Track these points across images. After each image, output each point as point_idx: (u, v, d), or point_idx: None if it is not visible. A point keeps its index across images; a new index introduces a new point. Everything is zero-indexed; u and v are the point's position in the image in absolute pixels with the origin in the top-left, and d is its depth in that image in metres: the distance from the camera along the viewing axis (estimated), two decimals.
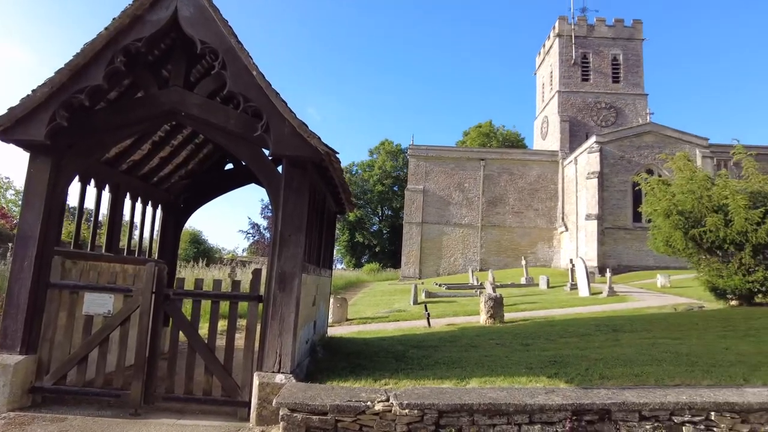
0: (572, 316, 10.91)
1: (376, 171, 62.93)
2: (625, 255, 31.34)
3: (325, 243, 7.67)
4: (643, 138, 32.95)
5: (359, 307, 17.63)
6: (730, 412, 4.36)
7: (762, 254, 10.19)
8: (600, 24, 42.15)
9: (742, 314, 9.14)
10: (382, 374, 5.41)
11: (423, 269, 38.90)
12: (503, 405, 4.28)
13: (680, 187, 10.92)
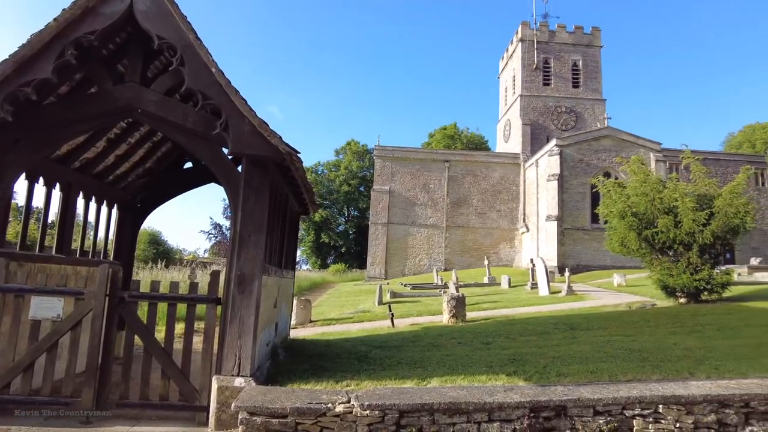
0: (532, 314, 11.17)
1: (342, 171, 62.74)
2: (584, 255, 32.33)
3: (287, 244, 7.58)
4: (601, 142, 34.09)
5: (324, 308, 17.51)
6: (676, 405, 4.56)
7: (708, 254, 10.73)
8: (561, 30, 43.34)
9: (689, 311, 9.59)
10: (343, 376, 5.39)
11: (389, 269, 39.01)
12: (463, 404, 4.35)
13: (634, 189, 11.37)
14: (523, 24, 42.98)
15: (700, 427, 4.54)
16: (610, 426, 4.48)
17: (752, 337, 7.17)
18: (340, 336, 9.34)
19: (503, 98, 48.57)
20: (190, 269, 19.45)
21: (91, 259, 7.15)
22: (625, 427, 4.52)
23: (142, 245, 32.89)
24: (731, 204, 10.42)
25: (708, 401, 4.57)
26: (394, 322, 10.38)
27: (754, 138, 59.91)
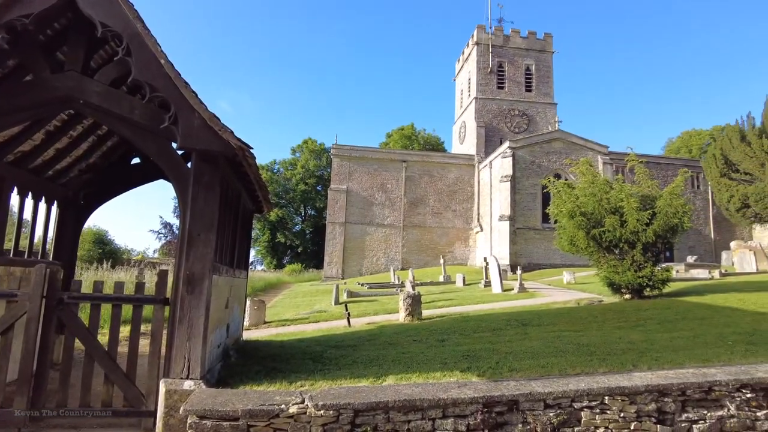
0: (486, 312, 11.40)
1: (299, 170, 61.94)
2: (535, 254, 33.33)
3: (240, 243, 7.39)
4: (552, 144, 35.24)
5: (279, 309, 17.23)
6: (620, 396, 4.74)
7: (650, 252, 11.29)
8: (515, 35, 44.49)
9: (633, 306, 10.04)
10: (298, 376, 5.31)
11: (346, 269, 38.89)
12: (418, 401, 4.36)
13: (583, 190, 11.80)
14: (479, 28, 43.85)
15: (641, 415, 4.75)
16: (560, 418, 4.62)
17: (688, 330, 7.59)
18: (295, 336, 9.21)
19: (459, 100, 49.38)
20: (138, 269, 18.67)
21: (27, 259, 6.71)
22: (574, 419, 4.67)
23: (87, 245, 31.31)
24: (671, 204, 11.00)
25: (649, 391, 4.79)
26: (350, 321, 10.33)
27: (691, 143, 63.78)
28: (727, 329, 7.49)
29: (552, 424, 4.60)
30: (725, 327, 7.67)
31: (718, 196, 36.16)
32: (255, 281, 29.12)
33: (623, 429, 4.68)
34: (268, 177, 61.88)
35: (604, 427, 4.67)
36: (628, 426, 4.69)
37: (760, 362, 5.59)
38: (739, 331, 7.33)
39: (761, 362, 5.60)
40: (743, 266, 19.82)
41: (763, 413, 4.94)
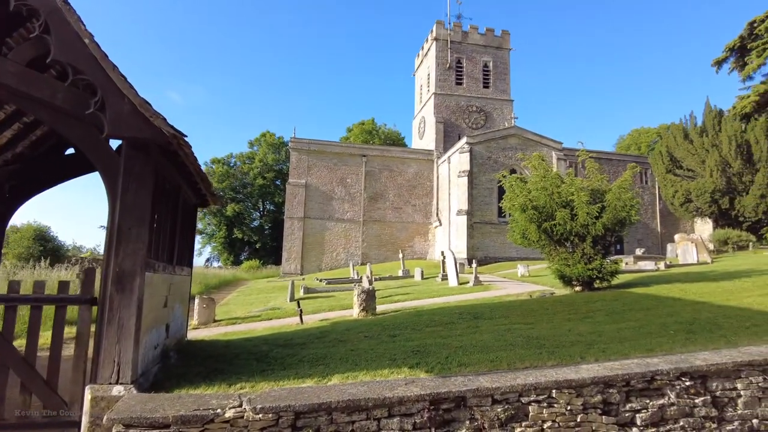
0: (440, 305, 11.39)
1: (256, 164, 60.58)
2: (491, 247, 33.89)
3: (181, 238, 7.00)
4: (508, 140, 35.84)
5: (231, 306, 16.73)
6: (567, 389, 4.74)
7: (600, 245, 11.57)
8: (473, 32, 44.93)
9: (583, 298, 10.24)
10: (239, 378, 5.04)
11: (305, 265, 38.38)
12: (362, 400, 4.21)
13: (535, 184, 11.95)
14: (438, 23, 44.03)
15: (588, 407, 4.76)
16: (507, 413, 4.57)
17: (635, 321, 7.77)
18: (244, 335, 8.89)
19: (418, 96, 49.53)
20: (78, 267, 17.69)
21: None
22: (522, 414, 4.63)
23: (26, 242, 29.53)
24: (620, 198, 11.29)
25: (595, 383, 4.81)
26: (302, 318, 10.07)
27: (640, 141, 66.61)
28: (670, 319, 7.71)
29: (499, 419, 4.54)
30: (668, 317, 7.89)
31: (664, 191, 37.83)
32: (209, 278, 28.31)
33: (570, 422, 4.68)
34: (225, 171, 60.32)
35: (551, 420, 4.66)
36: (575, 419, 4.70)
37: (698, 350, 5.75)
38: (680, 320, 7.55)
39: (699, 350, 5.76)
40: (686, 258, 20.75)
41: (700, 400, 5.07)
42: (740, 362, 5.28)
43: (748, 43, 25.58)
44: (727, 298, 9.35)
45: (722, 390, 5.20)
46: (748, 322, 7.22)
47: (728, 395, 5.22)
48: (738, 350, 5.69)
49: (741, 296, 9.49)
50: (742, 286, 10.60)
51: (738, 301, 9.07)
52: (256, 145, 63.88)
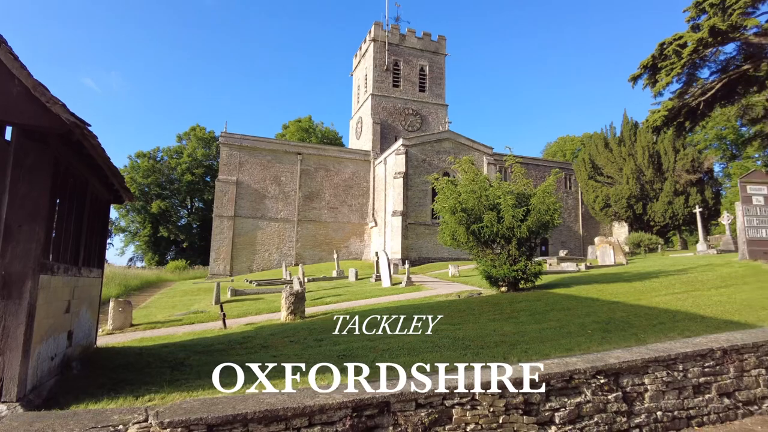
0: (371, 306, 11.30)
1: (185, 159, 57.77)
2: (425, 248, 34.42)
3: (89, 237, 6.40)
4: (442, 144, 36.55)
5: (152, 309, 15.72)
6: (490, 390, 4.77)
7: (525, 246, 11.97)
8: (411, 35, 45.45)
9: (508, 299, 10.54)
10: (149, 389, 4.64)
11: (235, 266, 37.02)
12: (281, 410, 3.98)
13: (465, 187, 12.17)
14: (376, 24, 44.12)
15: (510, 408, 4.81)
16: (431, 417, 4.51)
17: (556, 321, 8.05)
18: (162, 341, 8.31)
19: (356, 96, 49.41)
20: None
21: None
22: (445, 417, 4.59)
23: None
24: (544, 202, 11.73)
25: (517, 383, 4.87)
26: (225, 322, 9.60)
27: (565, 148, 70.58)
28: (588, 318, 8.06)
29: (423, 423, 4.48)
30: (586, 316, 8.26)
31: (586, 196, 40.17)
32: (130, 279, 26.60)
33: (492, 423, 4.71)
34: (151, 165, 57.11)
35: (475, 422, 4.66)
36: (497, 420, 4.73)
37: (612, 349, 6.01)
38: (597, 320, 7.92)
39: (614, 348, 6.02)
40: (604, 259, 22.08)
41: (613, 396, 5.28)
42: (648, 359, 5.56)
43: (659, 62, 27.57)
44: (638, 298, 9.96)
45: (632, 386, 5.45)
46: (655, 320, 7.70)
47: (637, 390, 5.48)
48: (646, 347, 6.01)
49: (650, 296, 10.15)
50: (651, 286, 11.35)
51: (648, 300, 9.68)
52: (185, 139, 60.98)
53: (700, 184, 35.09)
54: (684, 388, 5.69)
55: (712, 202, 34.60)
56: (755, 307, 8.50)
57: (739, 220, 14.30)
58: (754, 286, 10.70)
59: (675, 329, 7.01)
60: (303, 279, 18.34)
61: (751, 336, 6.49)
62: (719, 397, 5.83)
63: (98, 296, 7.15)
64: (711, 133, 52.80)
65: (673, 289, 10.80)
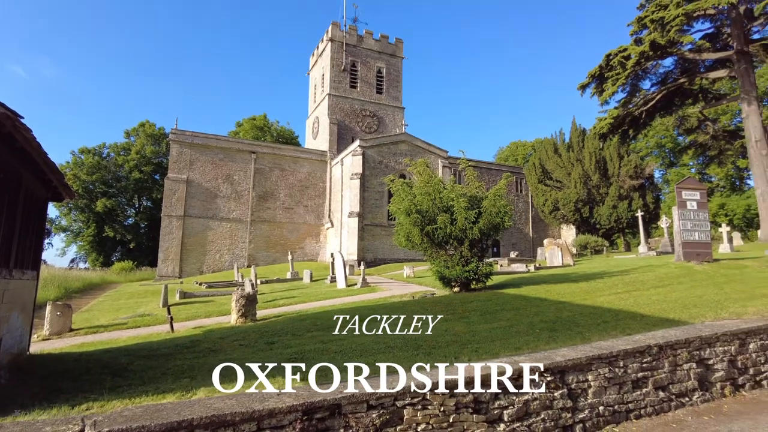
0: (325, 308, 11.21)
1: (133, 155, 55.46)
2: (381, 249, 34.52)
3: (22, 236, 6.00)
4: (398, 146, 36.79)
5: (94, 313, 14.98)
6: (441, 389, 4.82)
7: (476, 248, 12.21)
8: (368, 36, 45.52)
9: (460, 299, 10.71)
10: (87, 397, 4.40)
11: (184, 267, 35.81)
12: (229, 415, 3.88)
13: (420, 189, 12.30)
14: (334, 24, 43.92)
15: (460, 407, 4.88)
16: (383, 419, 4.51)
17: (506, 320, 8.25)
18: (104, 346, 7.91)
19: (312, 95, 48.97)
20: None
21: None
22: (397, 418, 4.61)
23: None
24: (495, 205, 12.01)
25: (467, 382, 4.95)
26: (173, 325, 9.25)
27: (517, 153, 72.75)
28: (536, 318, 8.31)
29: (375, 425, 4.48)
30: (535, 316, 8.51)
31: (536, 199, 41.49)
32: (71, 281, 25.26)
33: (443, 423, 4.76)
34: (96, 162, 54.46)
35: (426, 422, 4.69)
36: (448, 419, 4.79)
37: (559, 347, 6.22)
38: (545, 319, 8.18)
39: (560, 347, 6.23)
40: (553, 260, 22.84)
41: (559, 393, 5.46)
42: (592, 356, 5.78)
43: (606, 72, 28.91)
44: (584, 298, 10.36)
45: (577, 382, 5.65)
46: (599, 319, 8.03)
47: (581, 386, 5.69)
48: (590, 345, 6.25)
49: (595, 296, 10.58)
50: (596, 286, 11.84)
51: (593, 300, 10.08)
52: (133, 135, 58.53)
53: (642, 189, 36.99)
54: (624, 383, 5.96)
55: (652, 207, 36.52)
56: (688, 305, 9.03)
57: (676, 223, 15.12)
58: (688, 286, 11.36)
59: (617, 328, 7.32)
60: (255, 281, 17.95)
61: (684, 332, 6.88)
62: (655, 390, 6.14)
63: (33, 300, 6.72)
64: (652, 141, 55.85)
65: (616, 289, 11.29)
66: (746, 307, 8.73)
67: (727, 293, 10.27)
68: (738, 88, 28.11)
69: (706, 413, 5.98)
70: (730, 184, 53.59)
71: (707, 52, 28.28)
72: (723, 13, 27.00)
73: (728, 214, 46.56)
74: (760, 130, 26.09)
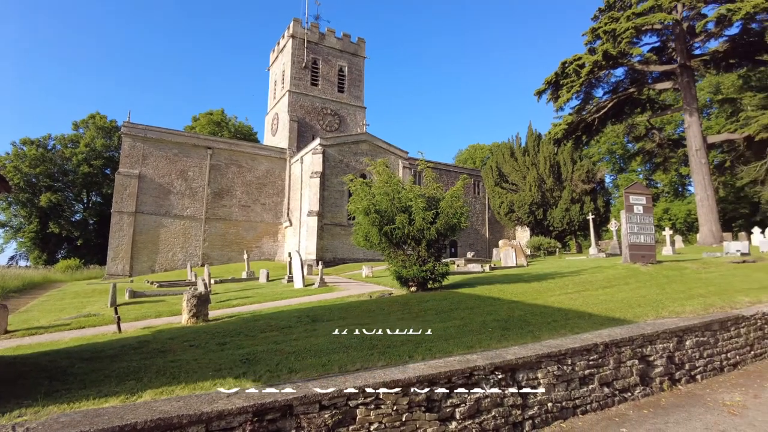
0: (281, 308, 11.04)
1: (82, 149, 52.91)
2: (341, 249, 34.39)
3: None
4: (359, 146, 36.76)
5: (34, 313, 14.17)
6: (395, 389, 4.82)
7: (433, 248, 12.35)
8: (330, 34, 45.25)
9: (417, 298, 10.80)
10: (19, 403, 4.14)
11: (135, 266, 34.50)
12: (175, 417, 3.75)
13: (379, 189, 12.33)
14: (295, 21, 43.42)
15: (413, 406, 4.90)
16: (335, 419, 4.48)
17: (460, 319, 8.36)
18: (43, 348, 7.48)
19: (272, 91, 48.23)
20: None
21: None
22: (349, 417, 4.58)
23: None
24: (452, 206, 12.18)
25: (420, 381, 4.97)
26: (120, 326, 8.87)
27: (476, 155, 74.20)
28: (490, 317, 8.47)
29: (327, 425, 4.44)
30: (488, 315, 8.67)
31: (493, 201, 42.41)
32: (9, 280, 23.84)
33: (396, 422, 4.77)
34: (40, 154, 51.62)
35: (378, 422, 4.69)
36: (401, 418, 4.80)
37: (511, 345, 6.35)
38: (498, 318, 8.35)
39: (512, 345, 6.37)
40: (507, 261, 23.39)
41: (509, 391, 5.58)
42: (541, 354, 5.94)
43: (561, 79, 29.94)
44: (536, 298, 10.65)
45: (527, 380, 5.79)
46: (550, 318, 8.27)
47: (531, 384, 5.83)
48: (540, 344, 6.42)
49: (546, 296, 10.90)
50: (548, 286, 12.20)
51: (544, 300, 10.39)
52: (82, 128, 55.87)
53: (594, 193, 38.45)
54: (572, 381, 6.15)
55: (603, 210, 38.03)
56: (633, 304, 9.45)
57: (623, 226, 15.79)
58: (633, 286, 11.89)
59: (566, 326, 7.56)
60: (209, 280, 17.49)
61: (628, 331, 7.18)
62: (600, 386, 6.38)
63: None
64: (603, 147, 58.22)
65: (566, 289, 11.68)
66: (684, 306, 9.22)
67: (668, 293, 10.81)
68: (681, 99, 29.74)
69: (646, 407, 6.26)
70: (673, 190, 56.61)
71: (654, 64, 29.79)
72: (668, 28, 28.53)
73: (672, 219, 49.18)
74: (699, 139, 27.69)
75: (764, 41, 25.24)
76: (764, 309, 9.32)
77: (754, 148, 31.42)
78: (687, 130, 28.53)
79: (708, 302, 9.63)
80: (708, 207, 27.38)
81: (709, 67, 29.27)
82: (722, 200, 40.88)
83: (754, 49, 27.07)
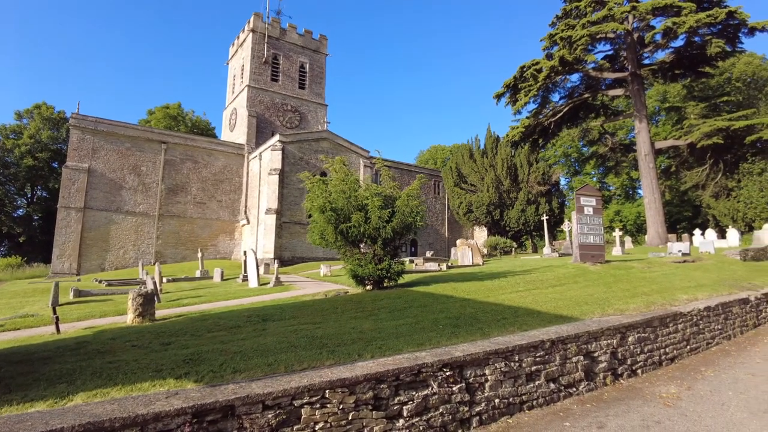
0: (232, 308, 10.80)
1: (26, 140, 50.18)
2: (299, 247, 34.03)
3: None
4: (320, 143, 36.48)
5: None
6: (341, 388, 4.77)
7: (389, 246, 12.38)
8: (292, 30, 44.69)
9: (371, 297, 10.79)
10: None
11: (84, 264, 33.03)
12: (107, 421, 3.58)
13: (335, 187, 12.25)
14: (256, 15, 42.65)
15: (360, 404, 4.88)
16: (279, 419, 4.41)
17: (412, 317, 8.40)
18: None
19: (231, 86, 47.21)
20: None
21: None
22: (294, 417, 4.51)
23: None
24: (408, 205, 12.25)
25: (368, 380, 4.95)
26: (59, 326, 8.43)
27: (436, 156, 75.09)
28: (441, 315, 8.55)
29: (270, 425, 4.36)
30: (440, 313, 8.75)
31: (452, 201, 43.01)
32: None
33: (342, 420, 4.74)
34: None
35: (324, 421, 4.64)
36: (347, 417, 4.77)
37: (460, 342, 6.43)
38: (449, 315, 8.44)
39: (461, 342, 6.44)
40: (464, 260, 23.76)
41: (457, 387, 5.64)
42: (489, 351, 6.04)
43: (520, 83, 30.64)
44: (487, 296, 10.84)
45: (474, 377, 5.87)
46: (499, 315, 8.43)
47: (479, 380, 5.92)
48: (489, 341, 6.53)
49: (498, 294, 11.11)
50: (500, 285, 12.43)
51: (495, 297, 10.58)
52: (26, 118, 53.00)
53: (549, 195, 39.60)
54: (519, 377, 6.29)
55: (557, 211, 39.21)
56: (580, 302, 9.76)
57: (574, 227, 16.31)
58: (582, 285, 12.29)
59: (515, 324, 7.72)
60: (159, 278, 16.92)
61: (574, 328, 7.41)
62: (547, 382, 6.55)
63: None
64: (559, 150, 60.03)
65: (517, 288, 11.94)
66: (628, 304, 9.60)
67: (614, 292, 11.23)
68: (632, 106, 31.05)
69: (589, 401, 6.47)
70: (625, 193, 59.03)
71: (607, 71, 30.96)
72: (621, 38, 29.72)
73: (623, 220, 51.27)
74: (648, 145, 28.97)
75: (705, 54, 26.69)
76: (700, 306, 9.84)
77: (696, 155, 33.22)
78: (637, 136, 29.79)
79: (650, 300, 10.07)
80: (655, 210, 28.68)
81: (657, 76, 30.71)
82: (668, 203, 43.01)
83: (697, 61, 28.59)
